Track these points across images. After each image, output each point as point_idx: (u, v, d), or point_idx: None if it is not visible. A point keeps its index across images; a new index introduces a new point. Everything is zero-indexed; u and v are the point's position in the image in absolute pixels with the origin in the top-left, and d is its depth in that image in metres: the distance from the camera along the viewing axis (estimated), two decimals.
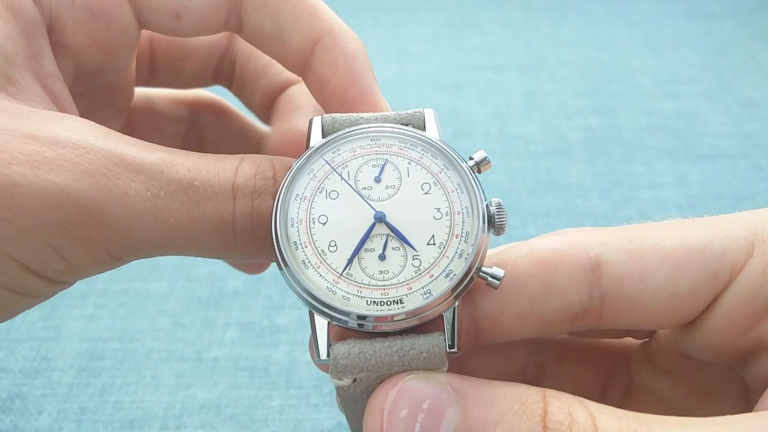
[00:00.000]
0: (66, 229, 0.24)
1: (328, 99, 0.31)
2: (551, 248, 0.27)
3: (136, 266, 0.55)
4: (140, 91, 0.39)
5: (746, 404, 0.29)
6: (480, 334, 0.28)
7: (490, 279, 0.26)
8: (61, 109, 0.28)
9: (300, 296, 0.26)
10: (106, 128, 0.27)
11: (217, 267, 0.55)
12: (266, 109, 0.39)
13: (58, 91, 0.29)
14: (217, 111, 0.41)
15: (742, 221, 0.27)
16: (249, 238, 0.27)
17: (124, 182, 0.25)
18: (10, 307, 0.26)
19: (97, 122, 0.27)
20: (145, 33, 0.36)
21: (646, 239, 0.27)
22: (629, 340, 0.33)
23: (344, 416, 0.32)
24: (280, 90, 0.38)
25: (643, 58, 0.81)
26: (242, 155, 0.28)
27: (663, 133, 0.69)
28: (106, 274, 0.55)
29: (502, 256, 0.28)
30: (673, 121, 0.71)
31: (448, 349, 0.25)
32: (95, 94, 0.34)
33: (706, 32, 0.86)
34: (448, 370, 0.25)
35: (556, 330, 0.28)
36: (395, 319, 0.25)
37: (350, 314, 0.25)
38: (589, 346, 0.34)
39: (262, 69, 0.38)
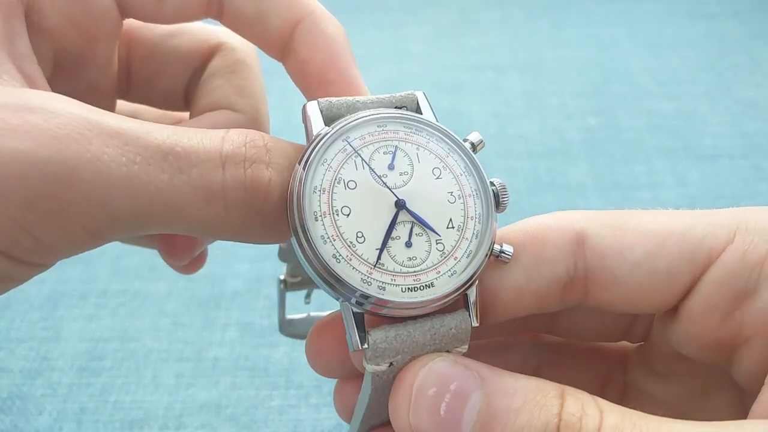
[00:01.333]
0: (33, 202, 0.22)
1: (308, 80, 0.31)
2: (539, 222, 0.29)
3: (136, 266, 0.55)
4: (128, 104, 0.38)
5: (741, 407, 0.29)
6: (484, 311, 0.28)
7: (502, 255, 0.27)
8: (36, 88, 0.27)
9: (333, 289, 0.26)
10: (80, 101, 0.25)
11: (217, 267, 0.55)
12: None
13: (32, 73, 0.27)
14: None
15: (728, 212, 0.28)
16: (243, 211, 0.26)
17: (97, 147, 0.23)
18: None
19: None
20: (122, 43, 0.36)
21: (630, 219, 0.28)
22: (625, 343, 0.34)
23: (344, 415, 0.32)
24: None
25: (643, 58, 0.81)
26: (226, 129, 0.27)
27: (663, 133, 0.69)
28: (106, 273, 0.55)
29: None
30: (673, 121, 0.71)
31: (472, 324, 0.27)
32: (77, 96, 0.34)
33: (707, 32, 0.86)
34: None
35: (549, 305, 0.29)
36: (431, 302, 0.26)
37: (387, 303, 0.26)
38: (585, 349, 0.34)
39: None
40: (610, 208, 0.30)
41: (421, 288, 0.26)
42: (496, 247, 0.27)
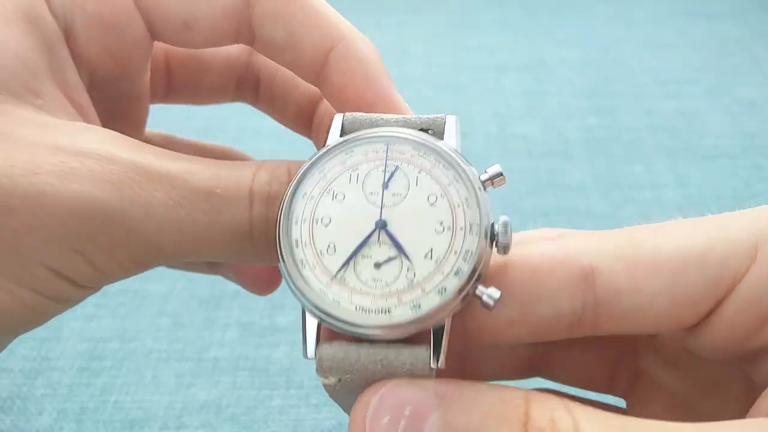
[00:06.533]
0: (93, 238, 0.25)
1: (347, 108, 0.31)
2: (544, 254, 0.27)
3: None
4: (160, 134, 0.40)
5: (751, 400, 0.29)
6: (468, 337, 0.27)
7: (484, 299, 0.25)
8: (86, 119, 0.29)
9: (294, 294, 0.26)
10: (129, 138, 0.27)
11: None
12: (302, 121, 0.38)
13: (82, 102, 0.29)
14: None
15: (745, 221, 0.27)
16: (265, 241, 0.28)
17: (147, 191, 0.26)
18: (44, 312, 0.27)
19: None
20: (160, 47, 0.36)
21: (643, 244, 0.27)
22: None
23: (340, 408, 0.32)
24: (314, 101, 0.37)
25: (643, 58, 0.81)
26: (261, 161, 0.29)
27: (663, 133, 0.69)
28: None
29: (496, 258, 0.27)
30: (673, 121, 0.71)
31: (431, 365, 0.24)
32: (108, 105, 0.34)
33: (707, 32, 0.86)
34: (447, 364, 0.25)
35: (549, 337, 0.28)
36: (381, 328, 0.25)
37: (338, 318, 0.25)
38: None
39: (291, 81, 0.38)
40: (610, 208, 0.29)
41: (375, 312, 0.25)
42: (481, 288, 0.25)
